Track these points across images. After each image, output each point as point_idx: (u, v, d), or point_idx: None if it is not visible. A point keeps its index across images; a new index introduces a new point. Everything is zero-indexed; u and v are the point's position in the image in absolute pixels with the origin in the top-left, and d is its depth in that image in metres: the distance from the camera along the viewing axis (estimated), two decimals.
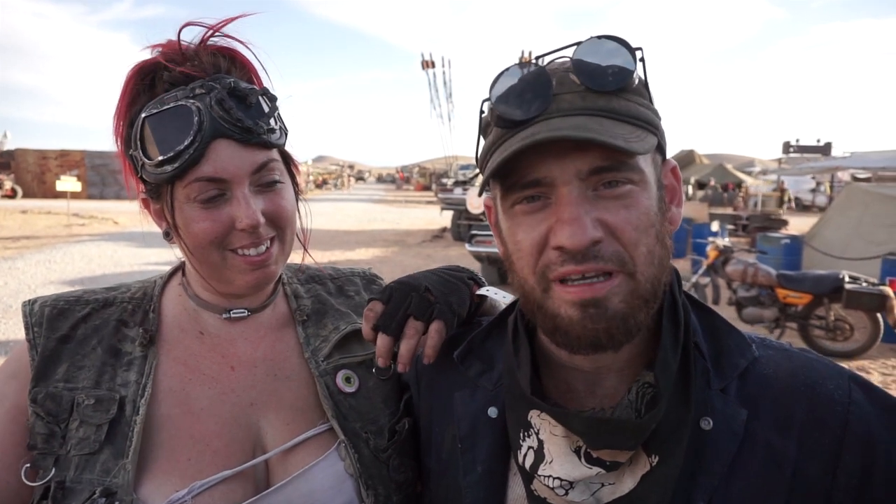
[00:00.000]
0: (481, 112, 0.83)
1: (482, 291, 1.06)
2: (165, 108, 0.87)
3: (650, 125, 0.76)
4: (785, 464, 0.74)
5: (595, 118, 0.72)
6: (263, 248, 0.94)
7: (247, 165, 0.89)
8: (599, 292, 0.72)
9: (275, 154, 0.95)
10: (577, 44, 0.76)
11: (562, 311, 0.74)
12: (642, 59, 0.77)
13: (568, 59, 0.77)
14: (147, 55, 0.93)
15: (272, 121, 0.94)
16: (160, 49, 0.92)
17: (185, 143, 0.86)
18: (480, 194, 0.82)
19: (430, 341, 0.94)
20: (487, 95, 0.79)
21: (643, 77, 0.78)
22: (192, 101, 0.87)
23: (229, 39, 0.96)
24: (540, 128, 0.72)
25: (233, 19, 0.96)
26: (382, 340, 0.94)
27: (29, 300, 0.99)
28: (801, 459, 0.74)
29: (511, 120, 0.76)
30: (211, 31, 0.94)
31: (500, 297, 1.04)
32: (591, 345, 0.74)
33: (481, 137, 0.84)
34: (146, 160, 0.89)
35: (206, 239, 0.90)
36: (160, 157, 0.87)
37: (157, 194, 0.93)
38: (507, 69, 0.78)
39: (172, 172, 0.87)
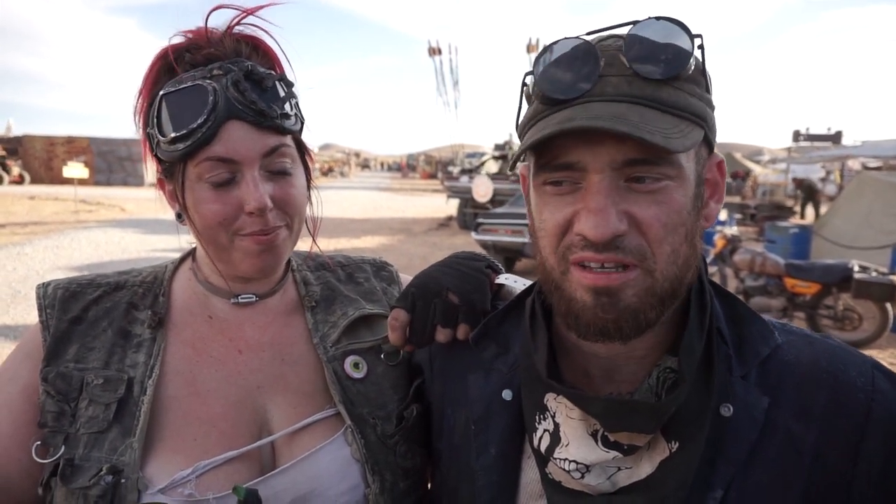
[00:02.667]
0: (524, 84, 0.80)
1: (500, 280, 1.05)
2: (182, 86, 0.89)
3: (698, 118, 0.72)
4: (805, 451, 0.73)
5: (638, 108, 0.69)
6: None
7: (258, 148, 0.90)
8: (614, 282, 0.71)
9: (288, 140, 0.95)
10: (633, 23, 0.73)
11: (577, 295, 0.74)
12: (701, 46, 0.73)
13: (621, 39, 0.73)
14: (176, 40, 0.95)
15: (287, 106, 0.94)
16: (189, 34, 0.94)
17: (199, 121, 0.87)
18: (513, 167, 0.80)
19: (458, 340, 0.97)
20: (532, 68, 0.76)
21: (701, 64, 0.74)
22: (209, 81, 0.88)
23: (253, 27, 0.97)
24: (578, 112, 0.70)
25: (260, 8, 0.97)
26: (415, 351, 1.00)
27: (43, 283, 1.01)
28: (821, 447, 0.73)
29: (552, 98, 0.73)
30: (237, 19, 0.95)
31: (520, 284, 1.03)
32: (599, 333, 0.74)
33: (524, 104, 0.81)
34: (161, 137, 0.90)
35: (214, 220, 0.91)
36: (173, 134, 0.88)
37: (171, 174, 0.94)
38: (557, 42, 0.75)
39: (184, 150, 0.88)
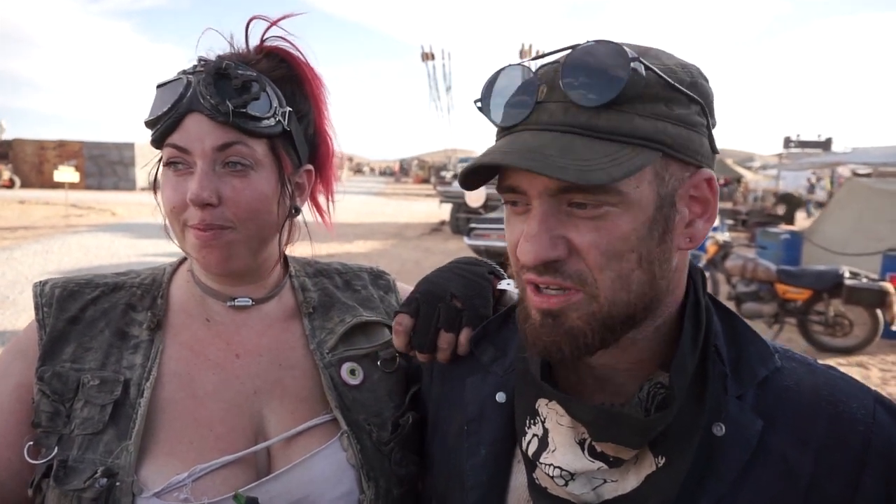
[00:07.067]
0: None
1: (502, 286, 1.06)
2: (171, 80, 0.94)
3: (647, 140, 0.67)
4: (800, 479, 0.72)
5: (567, 137, 0.67)
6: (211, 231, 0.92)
7: (210, 141, 0.90)
8: (553, 305, 0.71)
9: (251, 141, 0.92)
10: (572, 48, 0.70)
11: (531, 313, 0.75)
12: (648, 67, 0.67)
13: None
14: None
15: (259, 108, 0.92)
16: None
17: (165, 109, 0.91)
18: (468, 185, 0.81)
19: (461, 348, 0.96)
20: (480, 94, 0.77)
21: (662, 80, 0.68)
22: (191, 76, 0.92)
23: (279, 39, 1.01)
24: (505, 144, 0.71)
25: (277, 21, 1.01)
26: (421, 357, 0.98)
27: (40, 281, 1.00)
28: (818, 476, 0.72)
29: (496, 124, 0.76)
30: (259, 45, 1.00)
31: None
32: (541, 351, 0.74)
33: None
34: (145, 121, 0.95)
35: (168, 207, 0.94)
36: (147, 119, 0.94)
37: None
38: (501, 70, 0.75)
39: (155, 135, 0.93)
